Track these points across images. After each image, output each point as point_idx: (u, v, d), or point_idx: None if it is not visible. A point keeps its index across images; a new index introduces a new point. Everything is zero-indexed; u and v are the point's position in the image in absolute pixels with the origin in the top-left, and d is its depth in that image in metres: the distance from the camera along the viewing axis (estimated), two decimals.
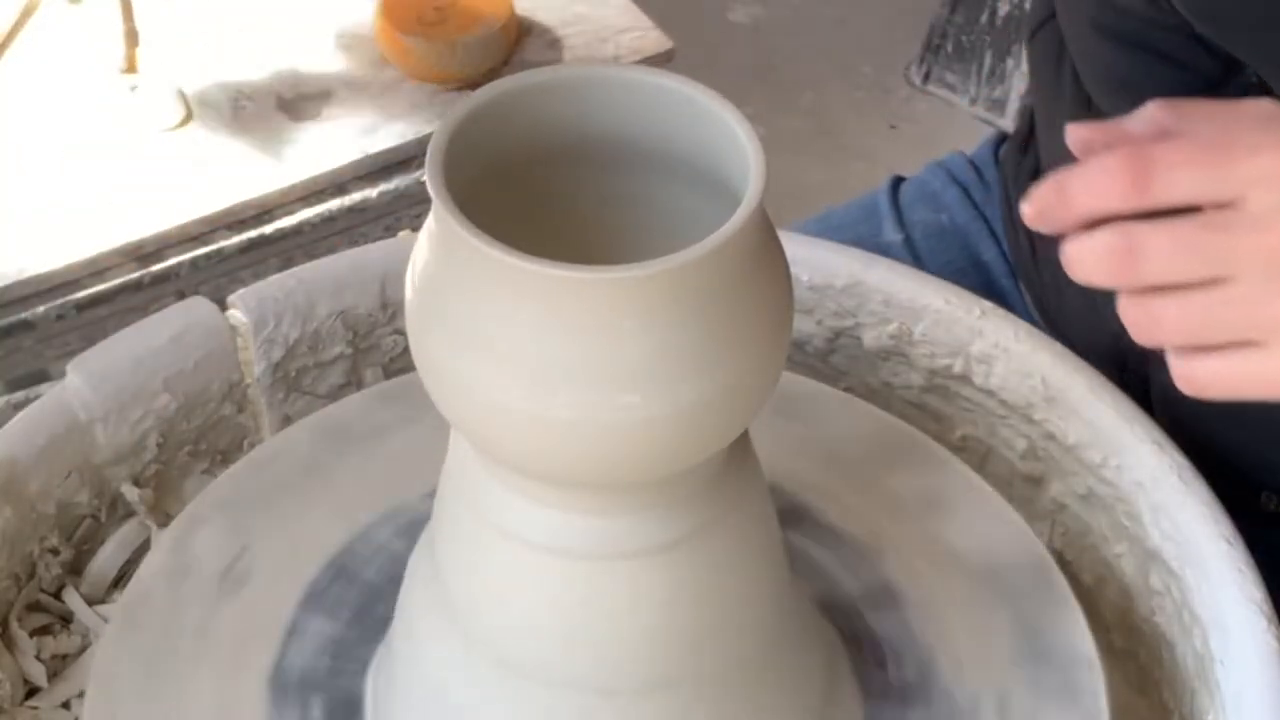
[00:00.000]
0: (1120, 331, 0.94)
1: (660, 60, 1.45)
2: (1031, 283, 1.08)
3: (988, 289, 1.10)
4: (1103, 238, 0.67)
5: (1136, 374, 0.95)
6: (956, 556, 0.84)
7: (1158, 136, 0.67)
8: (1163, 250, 0.65)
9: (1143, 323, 0.68)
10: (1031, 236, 1.06)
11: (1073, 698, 0.79)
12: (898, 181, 1.20)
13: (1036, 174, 1.06)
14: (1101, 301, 0.95)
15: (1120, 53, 0.93)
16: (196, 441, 0.92)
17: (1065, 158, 0.97)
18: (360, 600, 0.81)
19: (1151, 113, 0.69)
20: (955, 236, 1.15)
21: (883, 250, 1.08)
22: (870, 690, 0.79)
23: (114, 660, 0.79)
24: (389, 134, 1.38)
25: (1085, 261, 0.68)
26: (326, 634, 0.80)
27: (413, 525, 0.82)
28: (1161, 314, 0.67)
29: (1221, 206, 0.64)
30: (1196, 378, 0.68)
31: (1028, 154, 1.07)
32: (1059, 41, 1.00)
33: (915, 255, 1.14)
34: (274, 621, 0.80)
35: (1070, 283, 0.98)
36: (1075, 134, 0.70)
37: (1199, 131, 0.65)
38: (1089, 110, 0.93)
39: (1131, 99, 0.87)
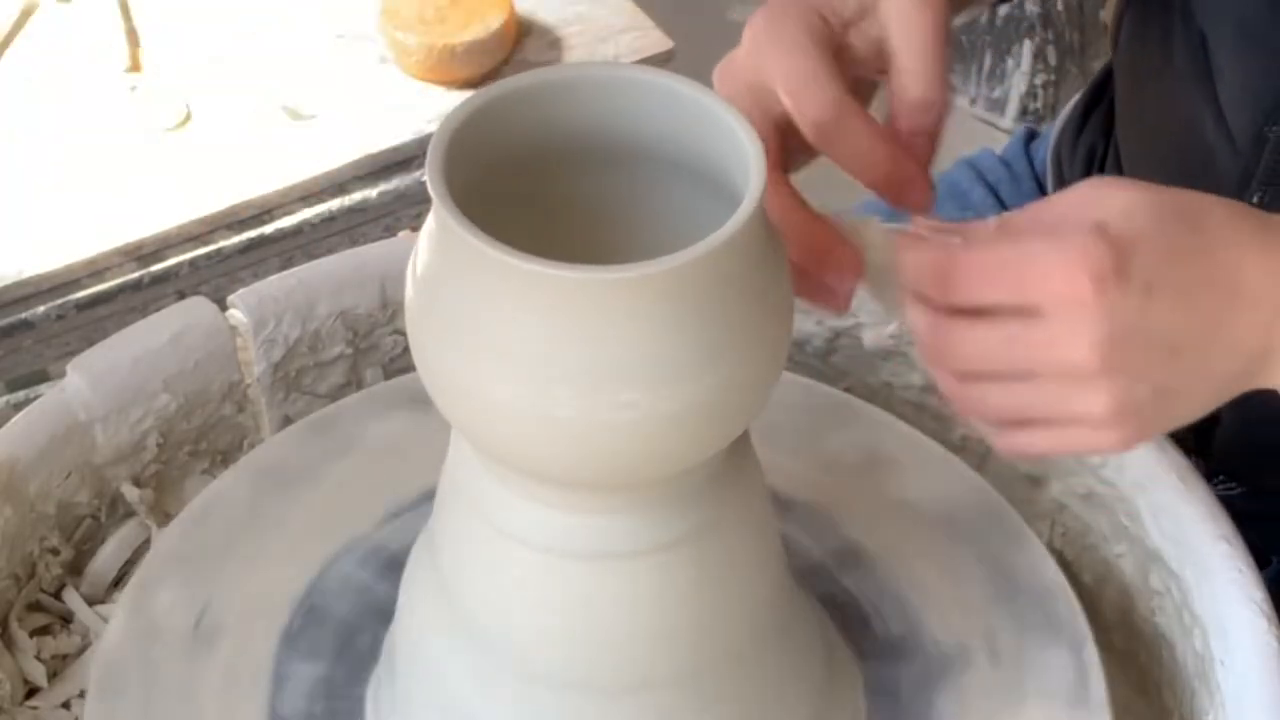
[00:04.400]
0: None
1: (660, 60, 1.45)
2: None
3: None
4: (917, 324, 0.68)
5: None
6: (963, 563, 0.84)
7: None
8: (968, 352, 0.67)
9: (964, 402, 0.69)
10: None
11: (1055, 629, 0.80)
12: None
13: (1093, 151, 1.04)
14: None
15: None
16: (196, 441, 0.92)
17: (1165, 114, 0.95)
18: (339, 638, 0.80)
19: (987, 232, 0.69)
20: None
21: None
22: (863, 651, 0.80)
23: None
24: (389, 134, 1.38)
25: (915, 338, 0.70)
26: (313, 676, 0.78)
27: (374, 555, 0.82)
28: (981, 399, 0.69)
29: (1022, 312, 0.65)
30: (1017, 447, 0.70)
31: (1086, 128, 1.06)
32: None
33: None
34: (257, 672, 0.78)
35: None
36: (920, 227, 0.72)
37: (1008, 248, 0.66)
38: (1209, 66, 0.91)
39: (1261, 55, 0.86)
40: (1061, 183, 1.09)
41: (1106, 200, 0.66)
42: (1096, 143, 1.06)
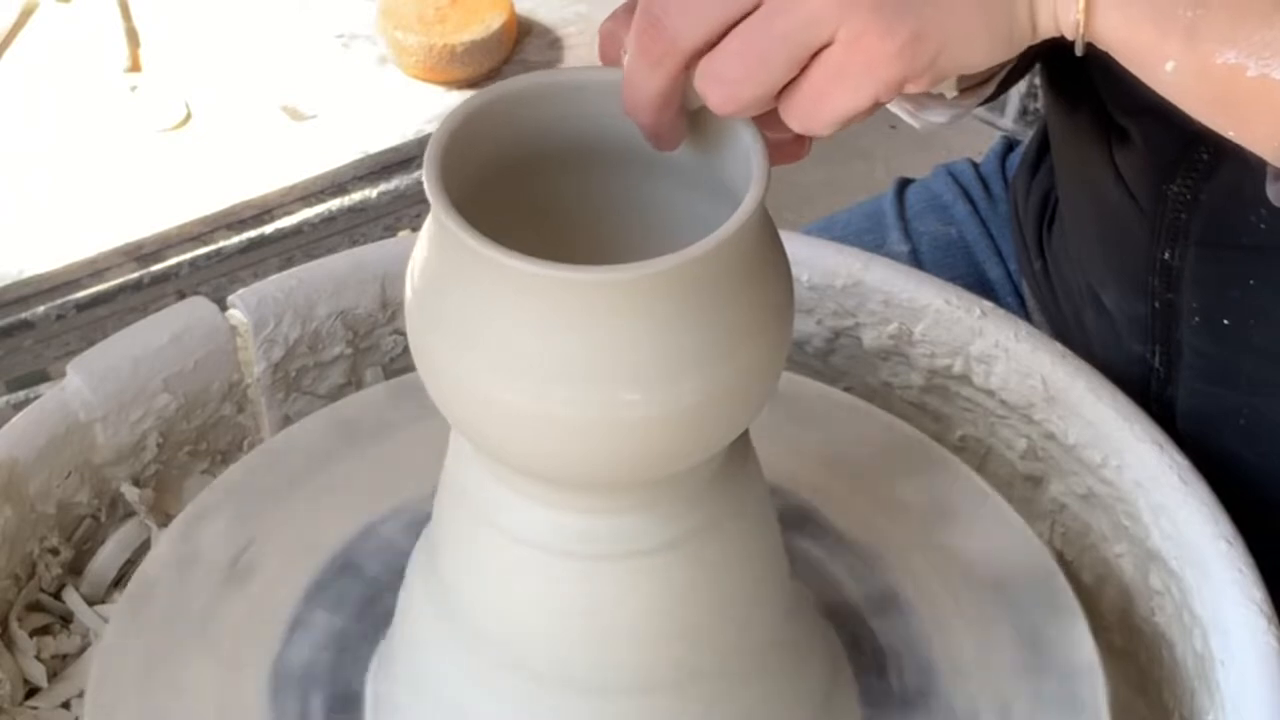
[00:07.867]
0: (1143, 357, 0.94)
1: None
2: (1048, 310, 1.07)
3: None
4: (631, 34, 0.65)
5: (1160, 400, 0.95)
6: (960, 564, 0.84)
7: None
8: (677, 9, 0.64)
9: (716, 90, 0.65)
10: (1047, 266, 1.05)
11: (1074, 708, 0.78)
12: (903, 186, 1.19)
13: (1047, 198, 1.05)
14: (1124, 329, 0.95)
15: None
16: (196, 441, 0.92)
17: (1080, 175, 0.97)
18: (364, 595, 0.81)
19: None
20: (962, 251, 1.14)
21: None
22: (870, 698, 0.78)
23: (117, 650, 0.79)
24: (389, 134, 1.38)
25: (631, 76, 0.66)
26: (330, 628, 0.80)
27: (416, 523, 0.82)
28: (721, 69, 0.64)
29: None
30: (803, 111, 0.65)
31: (1037, 175, 1.06)
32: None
33: (921, 269, 1.12)
34: (278, 614, 0.80)
35: (1091, 311, 0.98)
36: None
37: None
38: (1110, 130, 0.93)
39: (1155, 119, 0.87)
40: (1020, 232, 1.09)
41: None
42: (1050, 191, 1.06)
